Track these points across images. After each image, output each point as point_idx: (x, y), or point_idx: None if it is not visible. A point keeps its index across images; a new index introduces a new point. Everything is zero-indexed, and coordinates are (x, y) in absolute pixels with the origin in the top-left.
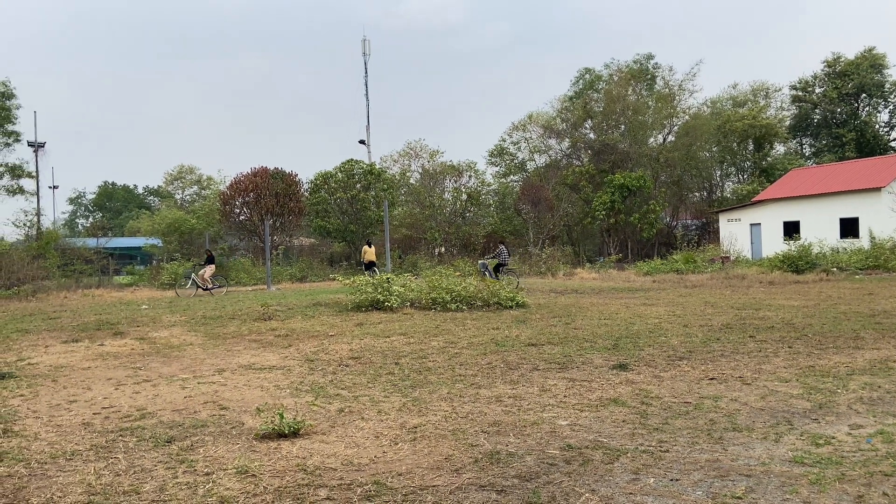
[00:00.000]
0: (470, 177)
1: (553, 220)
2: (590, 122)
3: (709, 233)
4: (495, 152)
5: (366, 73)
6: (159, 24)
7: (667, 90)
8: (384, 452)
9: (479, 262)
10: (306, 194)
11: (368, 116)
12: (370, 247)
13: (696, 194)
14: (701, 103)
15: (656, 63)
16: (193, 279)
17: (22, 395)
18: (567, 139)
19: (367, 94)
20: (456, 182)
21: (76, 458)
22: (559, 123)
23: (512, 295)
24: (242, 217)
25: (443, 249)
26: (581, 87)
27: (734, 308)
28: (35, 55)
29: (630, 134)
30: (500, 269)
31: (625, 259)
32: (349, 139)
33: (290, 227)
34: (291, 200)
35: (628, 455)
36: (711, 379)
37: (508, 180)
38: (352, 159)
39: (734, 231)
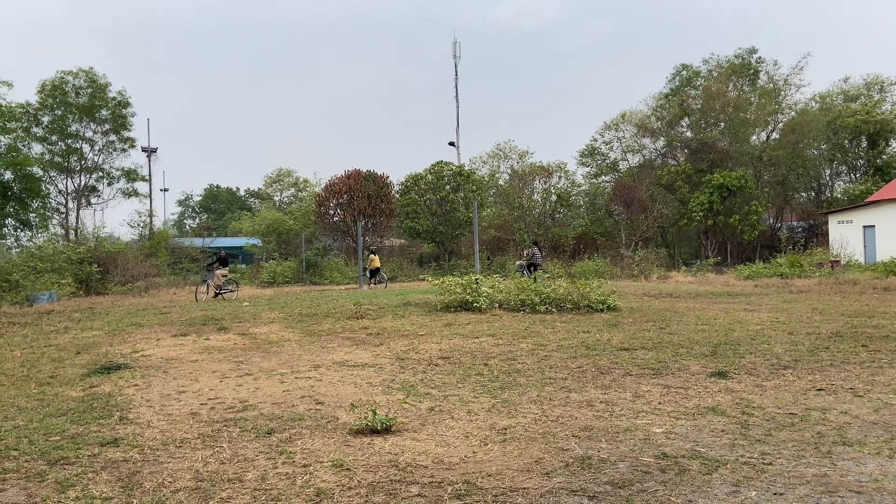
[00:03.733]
0: (560, 177)
1: (646, 221)
2: (687, 119)
3: (816, 235)
4: (586, 152)
5: (456, 75)
6: (261, 35)
7: (771, 85)
8: (474, 452)
9: (518, 262)
10: (397, 196)
11: (458, 118)
12: (374, 255)
13: (803, 194)
14: (809, 98)
15: (759, 57)
16: (208, 283)
17: (136, 385)
18: (662, 138)
19: (456, 97)
20: (545, 183)
21: (185, 446)
22: (654, 122)
23: (603, 298)
24: (336, 218)
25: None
26: (678, 84)
27: (845, 315)
28: (147, 65)
29: (730, 131)
30: (534, 268)
31: (724, 262)
32: (439, 141)
33: (381, 228)
34: (382, 202)
35: (728, 466)
36: (819, 390)
37: (600, 181)
38: (441, 161)
39: (845, 233)
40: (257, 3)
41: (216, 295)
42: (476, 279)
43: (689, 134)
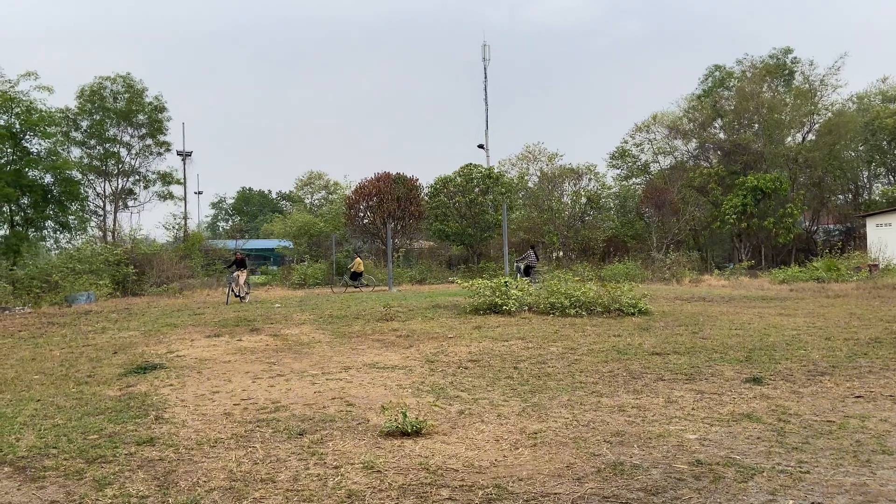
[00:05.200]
0: (590, 180)
1: (678, 224)
2: (720, 121)
3: (854, 238)
4: (616, 154)
5: (485, 78)
6: (293, 39)
7: (807, 86)
8: (504, 456)
9: (515, 264)
10: (426, 198)
11: (487, 121)
12: (359, 258)
13: (840, 197)
14: (846, 99)
15: (795, 57)
16: (232, 286)
17: (171, 385)
18: (694, 140)
19: (486, 99)
20: (575, 185)
21: (219, 446)
22: (686, 123)
23: (634, 301)
24: (366, 220)
25: (561, 253)
26: (710, 84)
27: (884, 321)
28: (182, 70)
29: (764, 133)
30: (529, 271)
31: (757, 266)
32: (468, 143)
33: (410, 231)
34: (412, 204)
35: (764, 474)
36: (858, 397)
37: (630, 183)
38: (470, 164)
39: (884, 237)
40: (289, 8)
41: (239, 297)
42: (505, 282)
43: (721, 135)
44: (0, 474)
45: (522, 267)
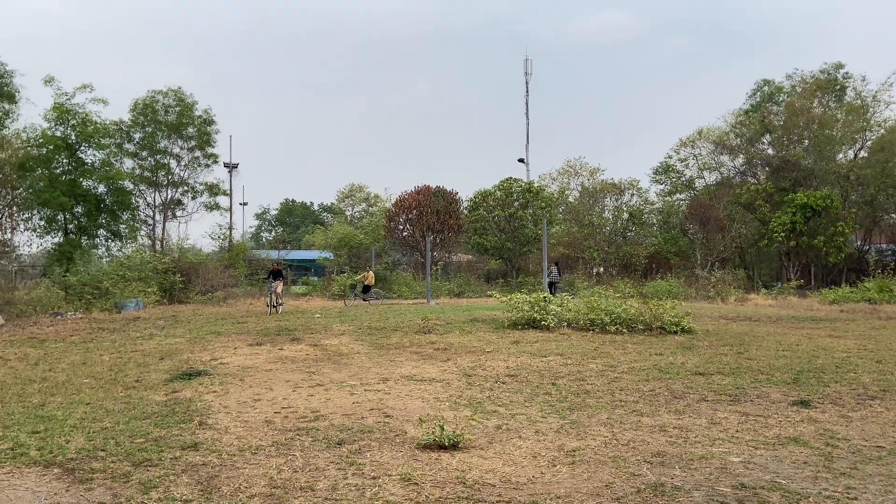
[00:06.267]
0: (632, 195)
1: (724, 241)
2: (768, 136)
3: None
4: (660, 169)
5: (527, 92)
6: (334, 55)
7: (858, 102)
8: (542, 473)
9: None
10: (465, 212)
11: (528, 135)
12: (371, 271)
13: (893, 216)
14: None
15: (846, 73)
16: (271, 295)
17: (215, 392)
18: (741, 155)
19: (527, 113)
20: (617, 200)
21: (260, 453)
22: (733, 139)
23: (677, 319)
24: (405, 233)
25: (601, 269)
26: (758, 99)
27: None
28: (229, 84)
29: (815, 149)
30: (553, 287)
31: (806, 285)
32: (508, 157)
33: (449, 244)
34: (451, 218)
35: (810, 499)
36: None
37: (674, 199)
38: (510, 177)
39: None
40: (334, 24)
41: (275, 306)
42: (544, 297)
43: (770, 151)
44: (50, 475)
45: (546, 283)
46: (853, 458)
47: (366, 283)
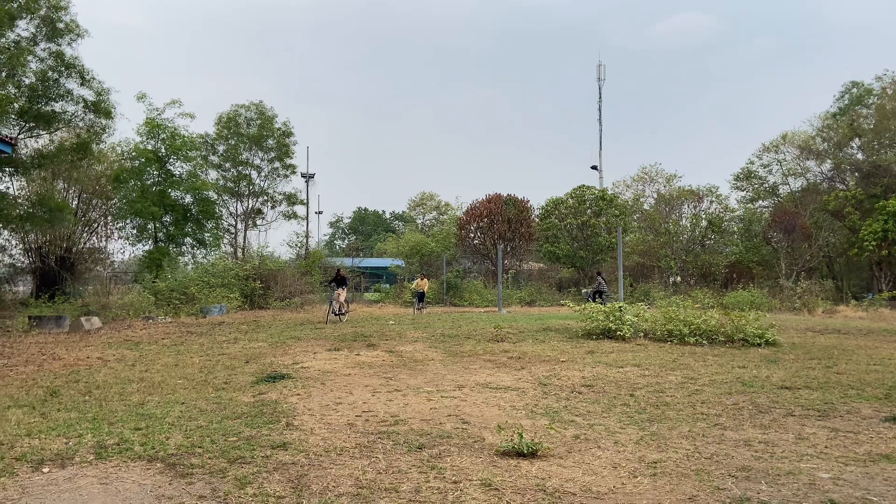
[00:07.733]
0: (711, 202)
1: (810, 250)
2: (857, 141)
3: None
4: (741, 176)
5: (600, 98)
6: (406, 66)
7: None
8: (623, 484)
9: (584, 291)
10: (537, 220)
11: (601, 142)
12: (425, 279)
13: None
14: None
15: None
16: (332, 302)
17: (298, 395)
18: (828, 160)
19: (600, 119)
20: (695, 208)
21: (344, 454)
22: (819, 143)
23: (761, 331)
24: (476, 241)
25: (678, 279)
26: (847, 102)
27: None
28: (304, 95)
29: None
30: (599, 295)
31: None
32: (580, 164)
33: (520, 252)
34: (522, 226)
35: None
36: None
37: (756, 206)
38: (583, 185)
39: None
40: (406, 35)
41: (339, 314)
42: (620, 306)
43: (859, 156)
44: (153, 469)
45: (591, 292)
46: None
47: (421, 291)
